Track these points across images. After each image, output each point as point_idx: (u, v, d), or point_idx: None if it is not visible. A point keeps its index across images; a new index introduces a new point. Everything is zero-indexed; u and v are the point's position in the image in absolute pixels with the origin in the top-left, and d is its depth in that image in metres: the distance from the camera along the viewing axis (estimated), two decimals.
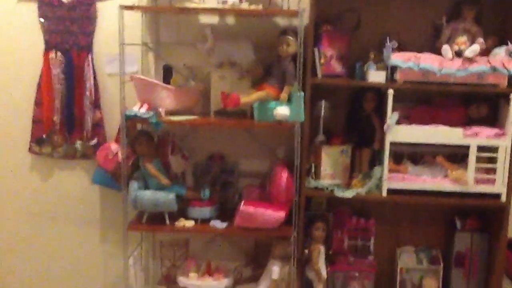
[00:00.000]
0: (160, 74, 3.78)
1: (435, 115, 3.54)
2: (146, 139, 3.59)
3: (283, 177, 3.52)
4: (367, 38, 3.62)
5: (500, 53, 3.37)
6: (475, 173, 3.41)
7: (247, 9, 3.46)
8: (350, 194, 3.49)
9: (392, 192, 3.47)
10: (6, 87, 3.94)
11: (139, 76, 3.61)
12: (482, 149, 3.40)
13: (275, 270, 3.58)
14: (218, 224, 3.58)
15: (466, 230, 3.73)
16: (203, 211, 3.62)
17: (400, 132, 3.40)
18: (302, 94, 3.32)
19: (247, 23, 3.77)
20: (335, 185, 3.56)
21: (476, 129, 3.40)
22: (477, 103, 3.55)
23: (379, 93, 3.55)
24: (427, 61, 3.34)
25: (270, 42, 3.56)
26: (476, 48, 3.33)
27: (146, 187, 3.57)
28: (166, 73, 3.75)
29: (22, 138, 3.94)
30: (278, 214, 3.47)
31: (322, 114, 3.53)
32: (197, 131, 3.89)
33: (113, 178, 3.71)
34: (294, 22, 3.62)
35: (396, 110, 3.39)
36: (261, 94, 3.40)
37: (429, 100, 3.67)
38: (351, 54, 3.57)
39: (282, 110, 3.33)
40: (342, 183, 3.59)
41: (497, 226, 3.57)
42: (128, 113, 3.45)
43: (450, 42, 3.44)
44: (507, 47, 3.35)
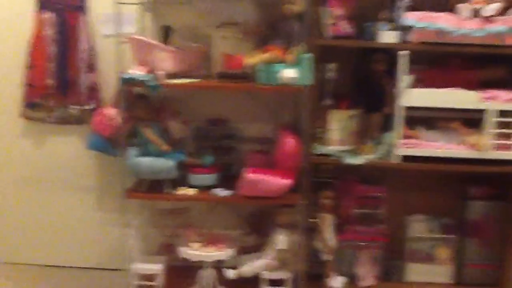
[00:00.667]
0: (158, 35, 3.64)
1: (448, 78, 3.40)
2: (144, 103, 3.50)
3: (289, 143, 3.41)
4: None
5: None
6: (493, 138, 3.29)
7: None
8: (360, 160, 3.38)
9: (404, 158, 3.35)
10: None
11: (137, 36, 3.47)
12: (499, 113, 3.27)
13: (281, 240, 3.51)
14: (221, 192, 3.48)
15: (480, 199, 3.63)
16: (205, 178, 3.53)
17: (414, 96, 3.27)
18: (310, 56, 3.21)
19: None
20: (344, 151, 3.46)
21: (493, 92, 3.28)
22: (493, 65, 3.42)
23: (389, 54, 3.40)
24: (443, 20, 3.20)
25: (273, 0, 3.44)
26: (495, 6, 3.18)
27: (144, 154, 3.48)
28: (165, 34, 3.61)
29: (13, 103, 3.86)
30: (284, 181, 3.38)
31: (330, 77, 3.41)
32: (197, 95, 3.78)
33: (109, 144, 3.64)
34: None
35: (408, 72, 3.26)
36: (266, 55, 3.29)
37: (441, 62, 3.51)
38: (360, 14, 3.42)
39: (289, 73, 3.23)
40: (351, 149, 3.48)
41: None
42: (125, 76, 3.33)
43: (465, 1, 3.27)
44: None
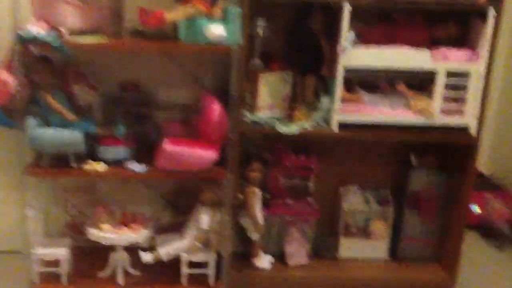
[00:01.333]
0: None
1: (394, 36, 3.16)
2: (45, 66, 3.13)
3: (214, 110, 3.09)
4: None
5: None
6: (443, 103, 3.08)
7: None
8: (294, 129, 3.11)
9: (344, 126, 3.11)
10: None
11: None
12: (449, 74, 3.06)
13: (205, 219, 3.24)
14: (136, 166, 3.15)
15: (422, 168, 3.43)
16: (117, 151, 3.20)
17: (356, 55, 3.00)
18: (239, 10, 2.92)
19: None
20: (275, 118, 3.18)
21: (445, 51, 3.05)
22: (444, 22, 3.19)
23: (328, 10, 3.14)
24: None
25: None
26: None
27: (47, 124, 3.13)
28: None
29: None
30: (208, 153, 3.09)
31: (260, 34, 3.09)
32: (108, 56, 3.41)
33: (5, 113, 3.23)
34: None
35: (350, 30, 2.99)
36: (189, 10, 2.95)
37: (386, 18, 3.26)
38: None
39: (217, 30, 2.92)
40: (283, 116, 3.22)
41: (462, 163, 3.28)
42: (22, 34, 2.94)
43: None
44: None
